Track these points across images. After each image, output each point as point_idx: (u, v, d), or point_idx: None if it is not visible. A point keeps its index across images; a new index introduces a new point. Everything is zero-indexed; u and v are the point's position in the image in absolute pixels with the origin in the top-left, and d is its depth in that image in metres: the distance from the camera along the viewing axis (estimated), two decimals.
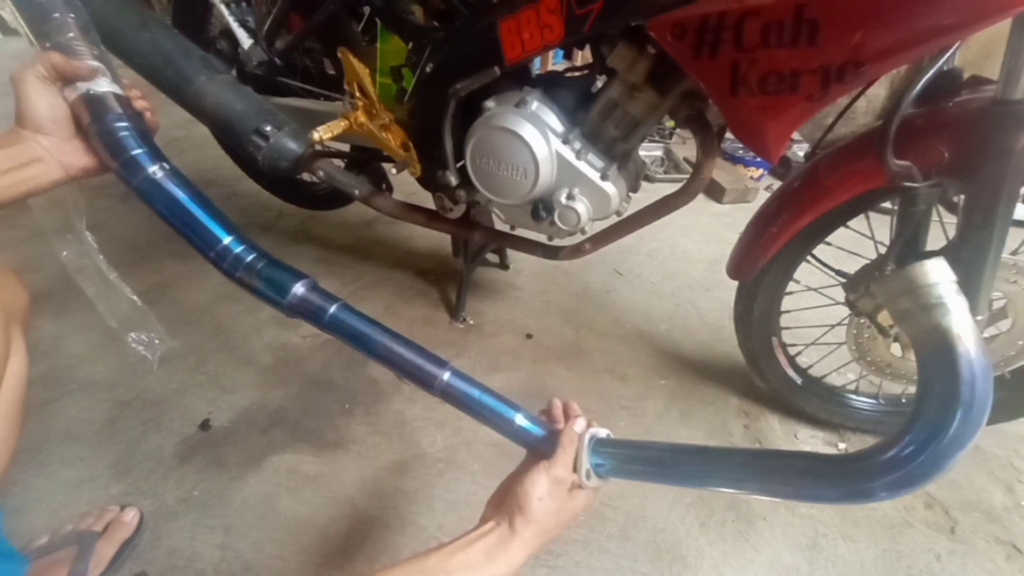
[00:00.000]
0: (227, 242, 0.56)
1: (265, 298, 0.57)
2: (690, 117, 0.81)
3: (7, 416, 0.56)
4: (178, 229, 0.56)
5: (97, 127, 0.52)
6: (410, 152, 0.95)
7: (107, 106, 0.53)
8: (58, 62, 0.50)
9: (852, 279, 0.87)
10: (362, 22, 1.09)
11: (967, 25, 0.51)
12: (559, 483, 0.49)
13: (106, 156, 0.53)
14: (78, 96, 0.52)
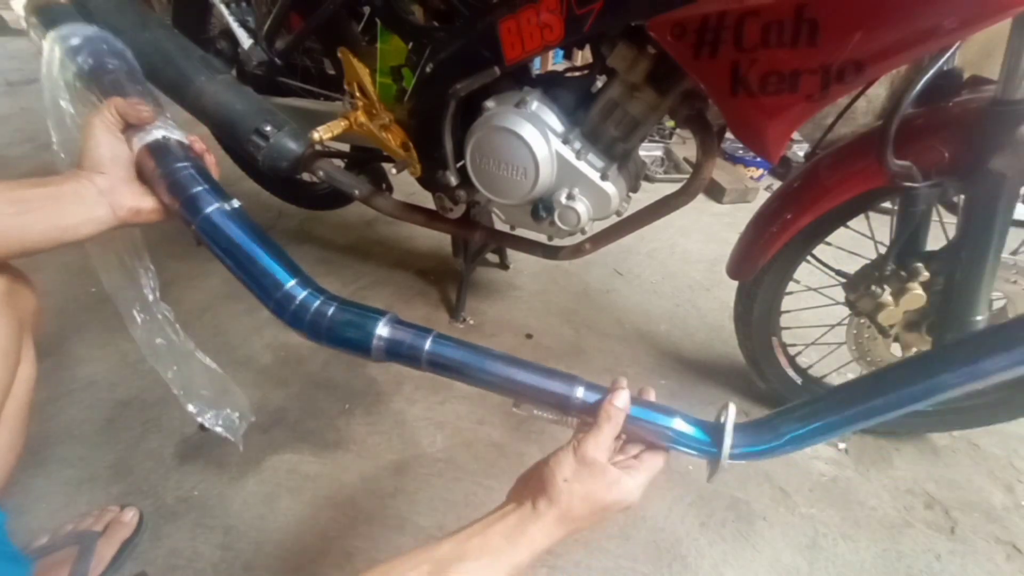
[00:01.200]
0: (289, 287, 0.51)
1: (345, 347, 0.51)
2: (690, 117, 0.81)
3: (14, 421, 0.56)
4: (234, 272, 0.52)
5: (161, 169, 0.52)
6: (410, 152, 0.95)
7: (170, 150, 0.53)
8: (122, 107, 0.52)
9: (852, 279, 0.87)
10: (362, 22, 1.09)
11: (967, 25, 0.51)
12: (588, 464, 0.44)
13: (169, 197, 0.52)
14: (143, 144, 0.53)
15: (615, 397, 0.47)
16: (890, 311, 0.81)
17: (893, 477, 0.98)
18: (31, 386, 0.59)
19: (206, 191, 0.52)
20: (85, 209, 0.48)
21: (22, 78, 2.47)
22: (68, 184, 0.48)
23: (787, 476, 0.96)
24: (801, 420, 0.49)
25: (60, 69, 0.58)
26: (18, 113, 2.12)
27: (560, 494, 0.43)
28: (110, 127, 0.52)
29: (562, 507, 0.43)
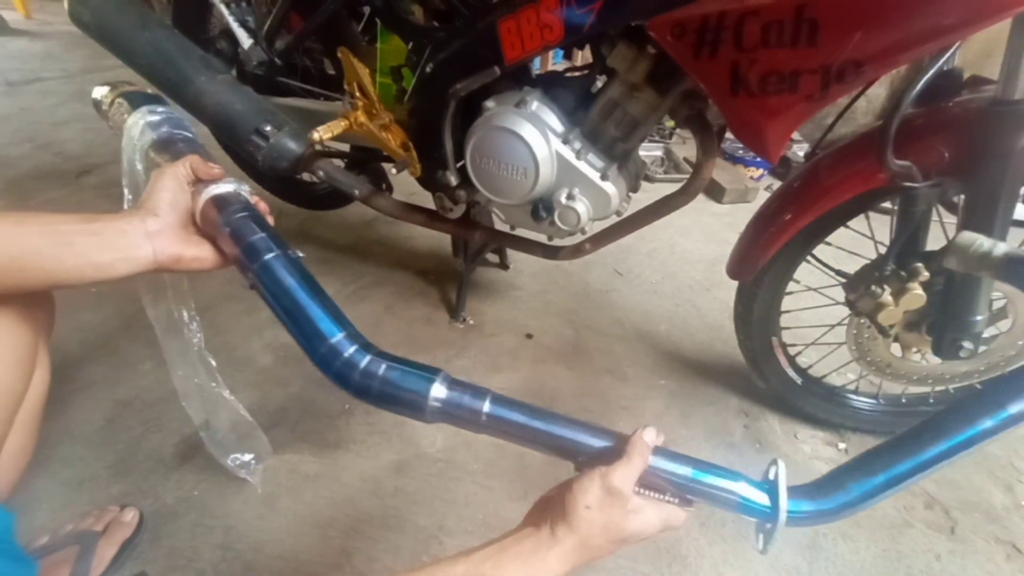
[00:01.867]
0: (335, 340, 0.48)
1: (396, 409, 0.49)
2: (690, 117, 0.81)
3: (27, 426, 0.57)
4: (282, 320, 0.51)
5: (224, 218, 0.54)
6: (410, 152, 0.95)
7: (233, 201, 0.55)
8: (197, 164, 0.55)
9: (852, 279, 0.87)
10: (362, 22, 1.09)
11: (967, 25, 0.51)
12: (613, 495, 0.43)
13: (229, 243, 0.53)
14: (210, 195, 0.55)
15: (646, 433, 0.48)
16: (890, 311, 0.81)
17: None
18: (44, 392, 0.60)
19: (265, 238, 0.53)
20: (127, 246, 0.48)
21: (22, 78, 2.47)
22: (117, 222, 0.49)
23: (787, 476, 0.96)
24: (869, 473, 0.49)
25: (139, 136, 0.65)
26: (18, 113, 2.12)
27: (581, 522, 0.42)
28: (179, 178, 0.54)
29: (581, 535, 0.42)
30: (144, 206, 0.51)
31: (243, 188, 0.59)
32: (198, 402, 0.71)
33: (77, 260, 0.46)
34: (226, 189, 0.57)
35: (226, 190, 0.56)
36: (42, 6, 3.49)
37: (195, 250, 0.54)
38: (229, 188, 0.57)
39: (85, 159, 1.82)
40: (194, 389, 0.70)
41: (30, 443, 0.59)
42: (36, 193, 1.60)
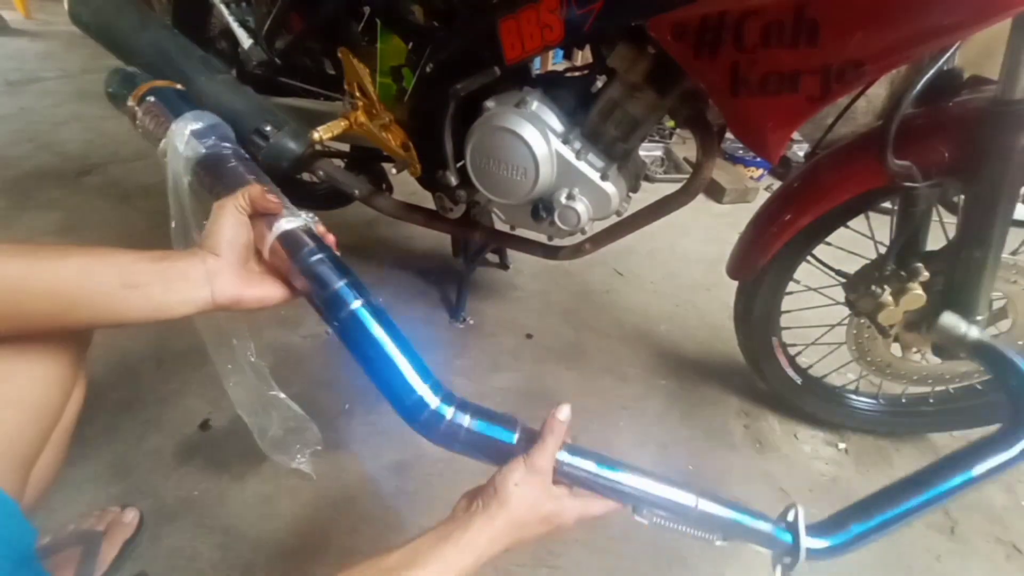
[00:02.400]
0: (424, 393, 0.50)
1: (479, 456, 0.52)
2: (690, 117, 0.81)
3: (57, 444, 0.56)
4: (368, 371, 0.51)
5: (299, 264, 0.51)
6: (410, 152, 0.95)
7: (305, 241, 0.52)
8: (256, 197, 0.51)
9: (852, 279, 0.87)
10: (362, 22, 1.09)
11: (967, 25, 0.51)
12: (536, 472, 0.47)
13: (309, 290, 0.51)
14: (277, 235, 0.52)
15: (559, 411, 0.51)
16: (890, 311, 0.81)
17: (893, 477, 0.96)
18: (77, 411, 0.59)
19: (348, 287, 0.51)
20: (187, 288, 0.47)
21: (22, 78, 2.47)
22: (179, 262, 0.47)
23: (787, 476, 0.96)
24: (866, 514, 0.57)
25: (186, 148, 0.59)
26: (18, 113, 2.12)
27: (511, 496, 0.46)
28: (239, 212, 0.52)
29: (511, 510, 0.45)
30: (204, 244, 0.50)
31: (309, 219, 0.55)
32: (251, 407, 0.70)
33: (142, 302, 0.45)
34: (294, 225, 0.53)
35: (294, 226, 0.53)
36: (42, 6, 3.49)
37: (256, 290, 0.52)
38: (297, 223, 0.53)
39: (85, 159, 1.82)
40: (246, 396, 0.69)
41: (58, 461, 0.58)
42: (36, 193, 1.60)
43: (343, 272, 0.52)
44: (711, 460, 0.99)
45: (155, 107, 0.65)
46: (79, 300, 0.43)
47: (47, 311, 0.42)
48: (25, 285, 0.41)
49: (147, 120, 0.65)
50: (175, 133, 0.60)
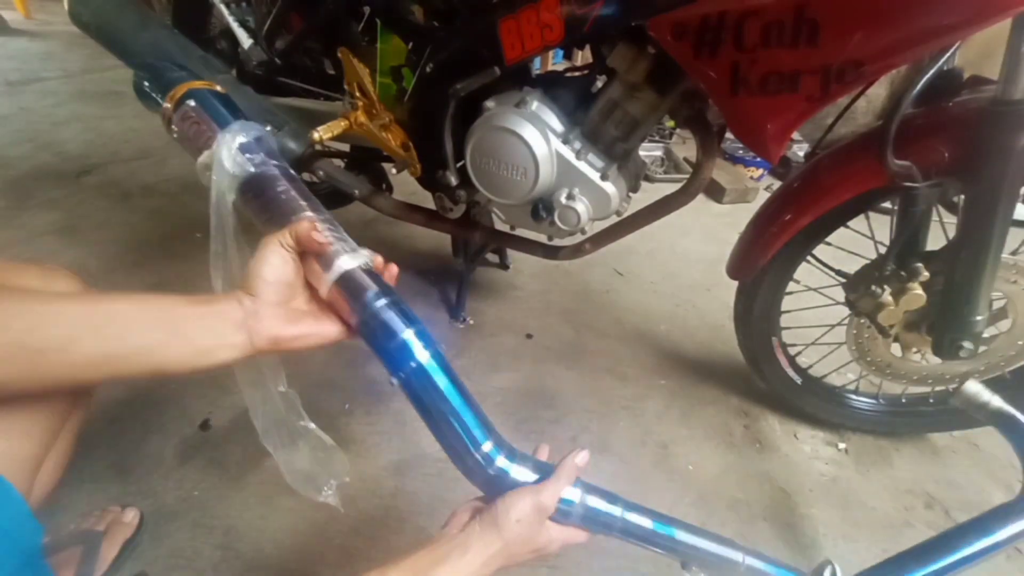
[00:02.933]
0: (487, 449, 0.49)
1: None
2: (690, 117, 0.81)
3: (65, 444, 0.56)
4: (432, 424, 0.50)
5: (360, 314, 0.48)
6: (410, 152, 0.95)
7: (363, 284, 0.49)
8: (303, 235, 0.48)
9: (852, 279, 0.87)
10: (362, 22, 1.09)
11: (967, 25, 0.51)
12: (541, 511, 0.48)
13: (371, 340, 0.49)
14: (334, 280, 0.48)
15: (578, 456, 0.52)
16: (890, 311, 0.81)
17: (893, 477, 0.98)
18: (86, 408, 0.59)
19: (414, 337, 0.48)
20: (226, 332, 0.44)
21: (22, 78, 2.47)
22: (218, 304, 0.45)
23: (787, 476, 0.96)
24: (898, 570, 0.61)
25: (234, 166, 0.54)
26: (18, 113, 2.12)
27: (510, 532, 0.46)
28: (285, 250, 0.48)
29: (509, 543, 0.46)
30: (244, 284, 0.47)
31: (367, 255, 0.51)
32: (278, 439, 0.67)
33: (183, 348, 0.42)
34: (353, 264, 0.49)
35: (354, 265, 0.49)
36: (42, 6, 3.49)
37: (297, 330, 0.48)
38: (356, 262, 0.49)
39: (85, 159, 1.82)
40: (274, 427, 0.66)
41: (65, 461, 0.58)
42: (36, 193, 1.60)
43: (409, 319, 0.48)
44: (711, 460, 0.99)
45: (196, 112, 0.59)
46: (121, 350, 0.40)
47: (89, 364, 0.39)
48: (70, 344, 0.38)
49: (186, 126, 0.60)
50: (222, 146, 0.55)
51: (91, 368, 0.40)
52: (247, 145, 0.56)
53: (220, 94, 0.63)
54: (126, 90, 2.38)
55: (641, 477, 0.94)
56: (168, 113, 0.61)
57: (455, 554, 0.45)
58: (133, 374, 0.41)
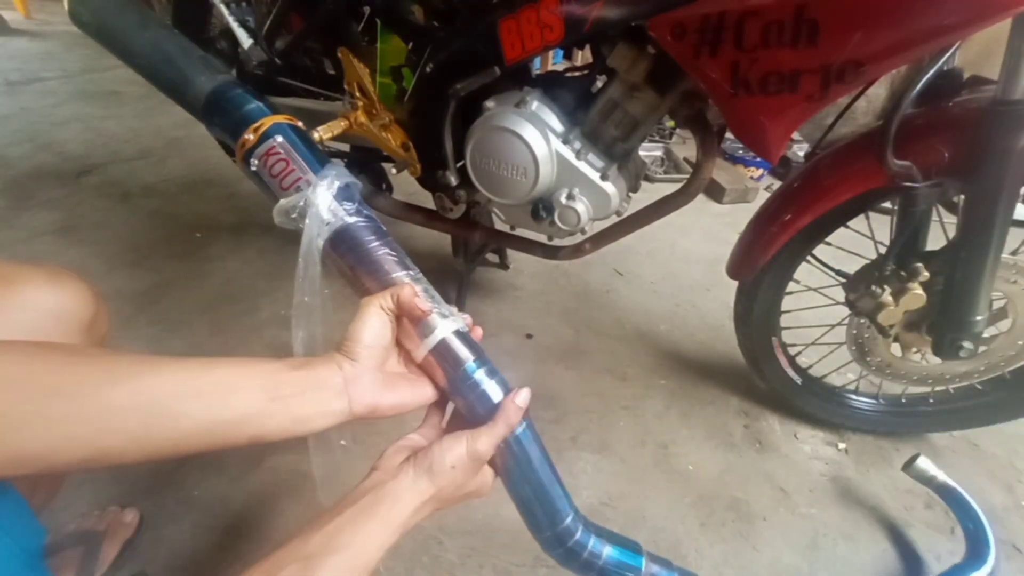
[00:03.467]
0: (569, 521, 0.49)
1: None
2: (690, 117, 0.81)
3: None
4: (519, 492, 0.50)
5: (456, 388, 0.48)
6: (410, 152, 0.95)
7: (459, 353, 0.48)
8: (406, 301, 0.47)
9: (852, 279, 0.87)
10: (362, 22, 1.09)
11: (967, 25, 0.51)
12: (476, 459, 0.45)
13: (468, 406, 0.48)
14: (429, 348, 0.48)
15: (517, 396, 0.48)
16: (890, 311, 0.81)
17: (893, 477, 0.98)
18: None
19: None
20: (326, 399, 0.43)
21: (22, 78, 2.47)
22: (319, 370, 0.43)
23: (787, 476, 0.96)
24: None
25: (329, 215, 0.52)
26: (18, 113, 2.12)
27: (443, 478, 0.43)
28: (385, 313, 0.47)
29: (441, 488, 0.44)
30: (342, 348, 0.46)
31: (460, 320, 0.50)
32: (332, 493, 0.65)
33: (282, 416, 0.41)
34: (449, 330, 0.48)
35: (450, 331, 0.48)
36: (42, 6, 3.49)
37: (396, 395, 0.47)
38: (452, 326, 0.48)
39: (85, 159, 1.82)
40: (329, 478, 0.64)
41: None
42: (36, 193, 1.60)
43: (506, 388, 0.49)
44: (711, 460, 0.99)
45: (284, 150, 0.55)
46: (225, 418, 0.39)
47: (194, 433, 0.38)
48: (180, 412, 0.37)
49: (271, 163, 0.55)
50: (319, 192, 0.52)
51: (195, 437, 0.38)
52: (342, 192, 0.53)
53: (303, 131, 0.59)
54: (126, 90, 2.39)
55: (641, 477, 0.94)
56: (249, 144, 0.57)
57: (384, 504, 0.42)
58: (230, 443, 0.40)
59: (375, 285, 0.50)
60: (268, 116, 0.58)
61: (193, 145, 2.01)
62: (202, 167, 1.87)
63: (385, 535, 0.41)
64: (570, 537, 0.50)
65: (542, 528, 0.50)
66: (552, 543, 0.51)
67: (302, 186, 0.53)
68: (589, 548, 0.51)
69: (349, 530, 0.40)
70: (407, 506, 0.42)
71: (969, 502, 0.85)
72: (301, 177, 0.54)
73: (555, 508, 0.49)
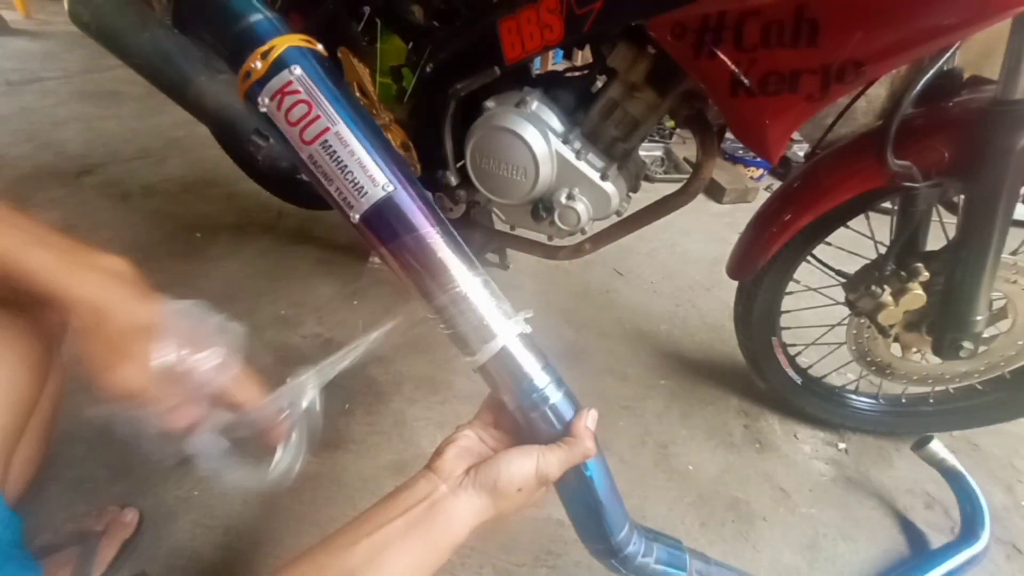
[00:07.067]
0: (624, 534, 0.50)
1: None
2: (690, 117, 0.81)
3: (38, 433, 0.56)
4: (575, 508, 0.50)
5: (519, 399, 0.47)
6: (410, 152, 0.95)
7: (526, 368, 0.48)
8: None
9: (852, 279, 0.87)
10: (362, 22, 1.09)
11: (967, 25, 0.51)
12: (544, 482, 0.42)
13: (535, 428, 0.47)
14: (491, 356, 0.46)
15: (587, 417, 0.45)
16: (890, 311, 0.81)
17: (893, 477, 0.98)
18: (57, 401, 0.59)
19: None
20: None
21: (22, 78, 2.47)
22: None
23: (787, 476, 0.96)
24: None
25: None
26: (18, 113, 2.12)
27: (507, 501, 0.41)
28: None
29: (502, 510, 0.41)
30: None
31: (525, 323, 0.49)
32: None
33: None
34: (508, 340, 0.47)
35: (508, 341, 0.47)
36: (42, 6, 3.49)
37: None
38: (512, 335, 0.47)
39: (85, 159, 1.82)
40: None
41: (41, 451, 0.58)
42: (36, 193, 1.60)
43: (575, 404, 0.49)
44: (711, 460, 0.99)
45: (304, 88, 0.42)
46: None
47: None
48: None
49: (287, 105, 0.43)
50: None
51: None
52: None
53: (327, 60, 0.46)
54: (126, 90, 2.39)
55: (641, 477, 0.94)
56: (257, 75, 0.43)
57: (439, 523, 0.39)
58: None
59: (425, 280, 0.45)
60: (282, 35, 0.43)
61: (193, 145, 2.01)
62: (202, 167, 1.87)
63: (437, 557, 0.38)
64: (623, 549, 0.49)
65: (595, 540, 0.49)
66: (604, 554, 0.50)
67: (330, 139, 0.40)
68: (640, 556, 0.51)
69: (398, 546, 0.37)
70: (464, 526, 0.39)
71: (973, 487, 0.87)
72: (329, 128, 0.41)
73: (613, 525, 0.48)
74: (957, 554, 0.80)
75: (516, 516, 0.44)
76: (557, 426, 0.45)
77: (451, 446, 0.44)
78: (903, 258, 0.80)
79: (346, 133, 0.42)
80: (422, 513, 0.39)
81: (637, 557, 0.50)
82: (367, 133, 0.43)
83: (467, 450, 0.44)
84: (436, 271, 0.43)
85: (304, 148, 0.43)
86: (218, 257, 1.39)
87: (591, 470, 0.47)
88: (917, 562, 0.82)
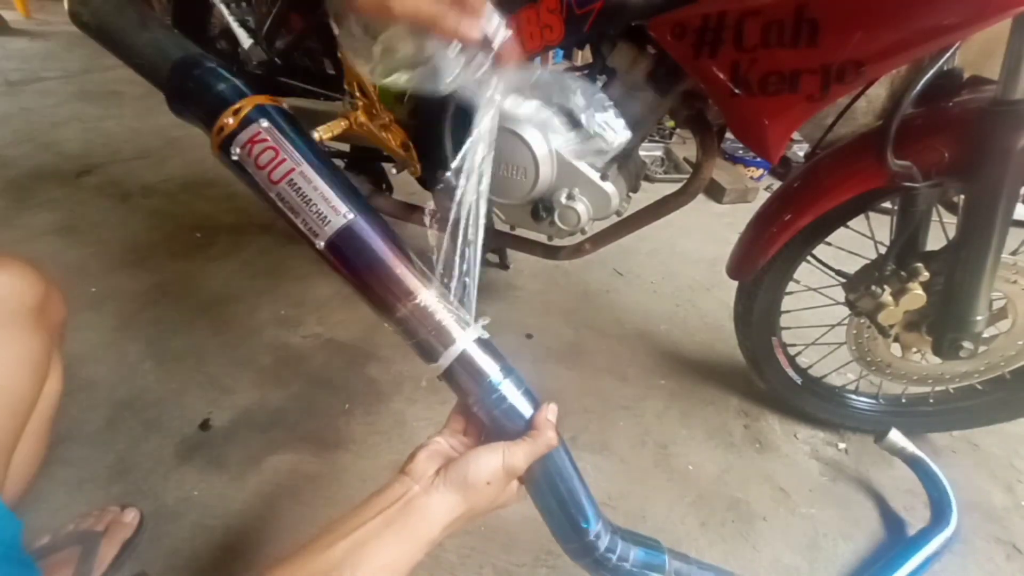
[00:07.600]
0: (598, 529, 0.51)
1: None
2: (690, 117, 0.81)
3: (37, 434, 0.56)
4: (547, 501, 0.50)
5: (481, 400, 0.48)
6: (410, 152, 0.95)
7: (485, 369, 0.49)
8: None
9: (852, 279, 0.87)
10: None
11: (967, 25, 0.51)
12: (510, 475, 0.44)
13: (499, 425, 0.49)
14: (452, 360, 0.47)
15: (548, 411, 0.48)
16: (890, 311, 0.81)
17: (893, 477, 0.98)
18: (56, 401, 0.59)
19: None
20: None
21: (22, 78, 2.47)
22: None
23: (787, 476, 0.96)
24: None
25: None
26: (18, 113, 2.12)
27: (478, 495, 0.42)
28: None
29: (474, 505, 0.42)
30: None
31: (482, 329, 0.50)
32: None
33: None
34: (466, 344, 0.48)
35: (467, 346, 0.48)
36: (42, 6, 3.49)
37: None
38: (470, 341, 0.48)
39: (85, 159, 1.82)
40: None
41: (40, 451, 0.58)
42: (36, 193, 1.60)
43: (534, 401, 0.50)
44: (711, 460, 0.99)
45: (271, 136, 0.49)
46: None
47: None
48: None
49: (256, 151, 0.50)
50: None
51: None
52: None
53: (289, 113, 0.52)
54: (126, 90, 2.39)
55: (641, 477, 0.94)
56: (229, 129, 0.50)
57: (414, 519, 0.40)
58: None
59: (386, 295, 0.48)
60: (248, 96, 0.51)
61: (193, 145, 2.01)
62: (202, 167, 1.87)
63: (413, 552, 0.39)
64: (598, 546, 0.50)
65: (570, 538, 0.50)
66: (579, 553, 0.51)
67: (295, 178, 0.47)
68: (617, 554, 0.51)
69: (375, 544, 0.38)
70: (438, 523, 0.41)
71: (936, 472, 0.90)
72: (294, 168, 0.47)
73: (583, 519, 0.49)
74: (930, 540, 0.82)
75: (489, 512, 0.46)
76: (519, 422, 0.47)
77: (423, 450, 0.46)
78: (903, 258, 0.80)
79: (309, 171, 0.47)
80: (397, 512, 0.40)
81: (614, 556, 0.51)
82: (327, 171, 0.48)
83: (438, 453, 0.46)
84: (395, 286, 0.47)
85: (272, 187, 0.48)
86: (218, 257, 1.39)
87: (555, 460, 0.48)
88: (894, 553, 0.82)
